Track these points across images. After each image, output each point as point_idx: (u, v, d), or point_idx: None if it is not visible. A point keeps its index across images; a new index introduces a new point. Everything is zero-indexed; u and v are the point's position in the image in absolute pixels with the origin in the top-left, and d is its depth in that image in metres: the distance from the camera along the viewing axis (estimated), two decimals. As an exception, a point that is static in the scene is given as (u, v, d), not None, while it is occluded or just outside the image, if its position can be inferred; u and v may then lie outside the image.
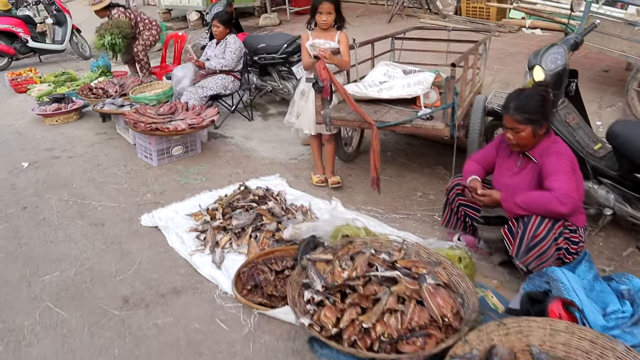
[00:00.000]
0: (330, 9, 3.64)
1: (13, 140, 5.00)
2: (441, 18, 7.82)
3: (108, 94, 5.19)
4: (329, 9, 3.64)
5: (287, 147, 4.69)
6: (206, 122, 4.30)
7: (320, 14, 3.67)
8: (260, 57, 5.30)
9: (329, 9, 3.64)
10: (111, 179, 4.05)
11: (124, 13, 6.39)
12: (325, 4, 3.62)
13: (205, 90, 4.92)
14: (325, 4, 3.62)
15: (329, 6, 3.63)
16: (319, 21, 3.70)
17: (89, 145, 4.80)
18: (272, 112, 5.75)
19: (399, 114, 3.52)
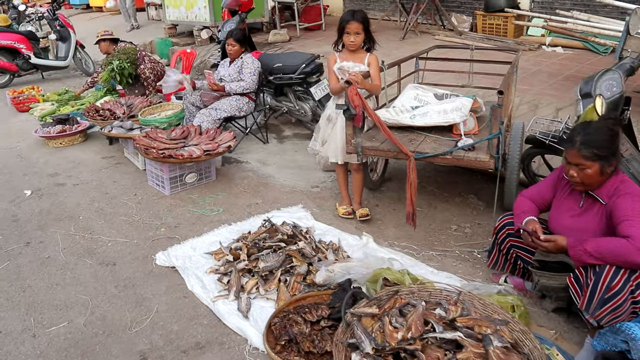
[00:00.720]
0: (359, 29, 3.39)
1: (14, 165, 4.71)
2: (457, 35, 7.60)
3: (115, 116, 4.92)
4: (357, 29, 3.39)
5: (308, 174, 4.41)
6: (222, 149, 4.02)
7: (347, 34, 3.42)
8: (276, 77, 5.05)
9: (357, 29, 3.39)
10: (121, 210, 3.76)
11: (130, 44, 6.24)
12: (353, 23, 3.37)
13: (218, 112, 4.66)
14: (354, 24, 3.38)
15: (357, 26, 3.38)
16: (347, 42, 3.45)
17: (95, 170, 4.51)
18: (287, 134, 5.48)
19: (436, 144, 3.26)
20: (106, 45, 6.24)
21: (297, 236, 2.98)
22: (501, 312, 2.35)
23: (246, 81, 4.74)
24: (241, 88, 4.73)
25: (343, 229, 3.48)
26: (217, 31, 5.46)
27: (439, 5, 7.79)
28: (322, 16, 8.90)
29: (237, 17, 5.47)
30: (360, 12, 3.40)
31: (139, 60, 6.21)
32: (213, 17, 8.50)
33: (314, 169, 4.52)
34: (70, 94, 6.75)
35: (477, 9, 7.88)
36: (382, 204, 3.89)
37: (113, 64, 5.96)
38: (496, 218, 3.48)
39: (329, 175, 4.37)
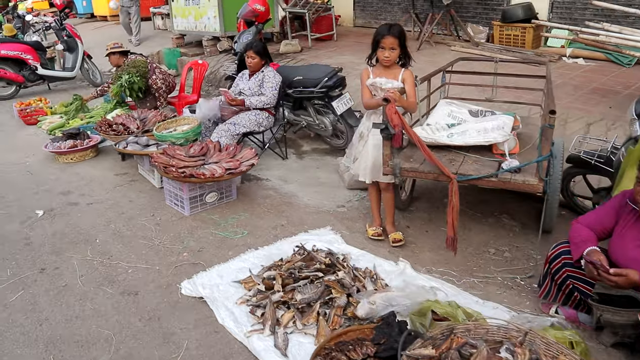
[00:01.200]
0: (394, 44, 3.22)
1: (24, 182, 4.51)
2: (473, 46, 7.45)
3: (129, 131, 4.73)
4: (392, 44, 3.22)
5: (332, 192, 4.22)
6: (245, 167, 3.83)
7: (382, 49, 3.24)
8: (295, 91, 4.87)
9: (393, 44, 3.22)
10: (139, 232, 3.56)
11: (140, 56, 6.08)
12: (388, 38, 3.20)
13: (237, 127, 4.47)
14: (389, 38, 3.20)
15: (392, 41, 3.21)
16: (381, 57, 3.28)
17: (109, 188, 4.31)
18: (305, 148, 5.30)
19: (478, 165, 3.07)
20: (116, 58, 6.07)
21: (336, 265, 2.78)
22: (567, 352, 2.15)
23: (267, 96, 4.56)
24: (262, 103, 4.55)
25: (377, 254, 3.29)
26: (233, 43, 5.28)
27: (454, 15, 7.65)
28: (333, 26, 8.76)
29: (253, 28, 5.30)
30: (397, 26, 3.23)
31: (149, 73, 6.05)
32: (223, 27, 8.36)
33: (338, 186, 4.33)
34: (78, 102, 6.56)
35: (493, 20, 7.74)
36: (413, 225, 3.70)
37: (122, 79, 5.79)
38: (539, 243, 3.32)
39: (354, 194, 4.19)
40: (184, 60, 8.96)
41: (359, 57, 7.52)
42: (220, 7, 8.21)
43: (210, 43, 8.74)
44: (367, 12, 9.97)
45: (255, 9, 5.26)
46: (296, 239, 3.42)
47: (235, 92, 4.75)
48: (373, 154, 3.34)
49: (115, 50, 6.03)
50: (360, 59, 7.68)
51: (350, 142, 3.66)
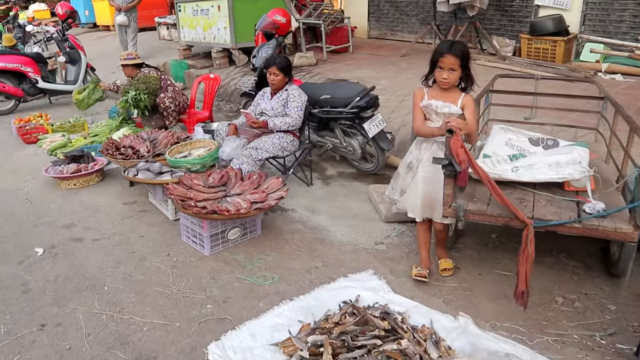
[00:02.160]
0: (455, 65, 2.79)
1: (22, 212, 4.06)
2: (500, 60, 7.05)
3: (139, 154, 4.29)
4: (452, 65, 2.79)
5: (367, 226, 3.77)
6: (273, 201, 3.37)
7: (440, 69, 2.82)
8: (322, 111, 4.44)
9: (453, 65, 2.79)
10: (154, 277, 3.10)
11: (155, 71, 5.68)
12: (448, 57, 2.78)
13: (260, 152, 4.03)
14: (449, 58, 2.78)
15: (453, 61, 2.78)
16: (439, 78, 2.85)
17: (117, 220, 3.86)
18: (330, 173, 4.85)
19: (554, 206, 2.63)
20: (129, 70, 5.69)
21: (397, 330, 2.32)
22: None
23: (292, 117, 4.13)
24: (286, 125, 4.11)
25: (430, 304, 2.83)
26: (252, 57, 4.87)
27: (480, 27, 7.26)
28: (349, 38, 8.36)
29: (273, 41, 4.88)
30: (460, 44, 2.80)
31: (161, 90, 5.66)
32: (234, 39, 7.95)
33: (373, 219, 3.89)
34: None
35: (520, 32, 7.34)
36: (464, 266, 3.25)
37: (128, 95, 5.38)
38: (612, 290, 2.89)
39: (392, 228, 3.74)
40: (191, 73, 8.56)
41: (377, 70, 7.12)
42: (231, 18, 7.81)
43: (220, 55, 8.33)
44: (383, 24, 9.59)
45: (276, 21, 4.85)
46: (335, 286, 2.96)
47: (256, 112, 4.32)
48: (424, 188, 2.91)
49: (128, 62, 5.64)
50: (380, 72, 7.31)
51: (396, 172, 3.23)
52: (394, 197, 3.20)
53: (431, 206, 2.92)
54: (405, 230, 3.74)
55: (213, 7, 8.14)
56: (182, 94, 6.02)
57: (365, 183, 4.59)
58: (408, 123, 5.31)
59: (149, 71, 5.68)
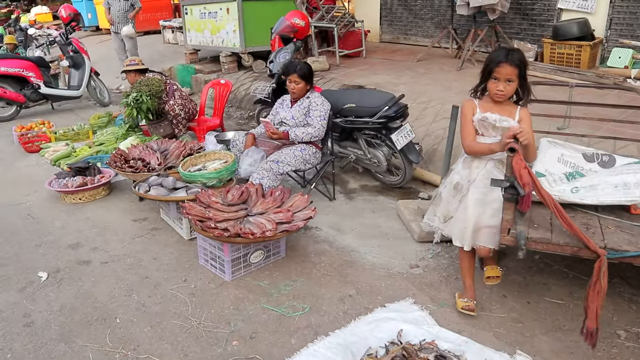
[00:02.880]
0: (512, 75, 2.50)
1: (24, 229, 3.75)
2: (521, 65, 6.75)
3: (150, 167, 3.99)
4: (509, 75, 2.50)
5: (399, 246, 3.47)
6: (300, 222, 3.07)
7: (495, 80, 2.53)
8: (346, 120, 4.14)
9: (510, 75, 2.50)
10: (171, 307, 2.79)
11: (159, 75, 5.41)
12: (505, 66, 2.48)
13: (281, 165, 3.73)
14: (506, 67, 2.48)
15: (510, 71, 2.49)
16: (493, 90, 2.55)
17: (127, 239, 3.55)
18: (352, 186, 4.55)
19: (627, 233, 2.33)
20: (133, 76, 5.40)
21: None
22: None
23: (315, 127, 3.83)
24: (309, 135, 3.82)
25: (479, 338, 2.53)
26: (268, 62, 4.58)
27: (500, 32, 6.97)
28: (363, 42, 8.07)
29: (291, 45, 4.58)
30: (517, 52, 2.50)
31: (167, 95, 5.37)
32: (244, 43, 7.67)
33: (404, 238, 3.58)
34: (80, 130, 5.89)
35: (541, 37, 7.06)
36: (509, 292, 2.95)
37: (129, 97, 5.09)
38: None
39: (426, 248, 3.44)
40: (199, 78, 8.28)
41: (394, 76, 6.83)
42: (240, 21, 7.53)
43: (228, 59, 8.04)
44: (395, 27, 9.31)
45: (294, 24, 4.56)
46: (373, 318, 2.66)
47: (275, 121, 4.03)
48: (475, 212, 2.60)
49: (131, 68, 5.36)
50: (397, 78, 7.02)
51: (436, 193, 2.93)
52: (435, 224, 2.89)
53: (478, 230, 2.62)
54: (441, 251, 3.43)
55: (222, 10, 7.86)
56: (190, 99, 5.73)
57: (391, 197, 4.29)
58: (432, 132, 5.01)
59: (153, 75, 5.41)
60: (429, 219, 2.93)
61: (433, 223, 2.89)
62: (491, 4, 6.57)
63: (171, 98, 5.44)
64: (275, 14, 7.77)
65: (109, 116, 6.17)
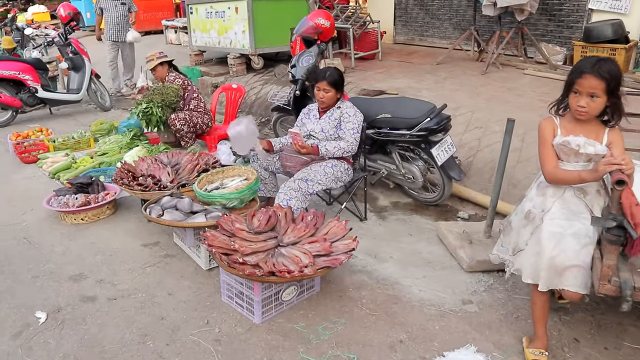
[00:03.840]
0: (597, 89, 2.08)
1: (20, 257, 3.31)
2: (551, 69, 6.36)
3: (161, 185, 3.56)
4: (594, 89, 2.08)
5: (446, 277, 3.06)
6: (342, 256, 2.64)
7: (577, 94, 2.11)
8: (380, 132, 3.73)
9: (595, 89, 2.08)
10: (193, 358, 2.37)
11: (180, 78, 5.02)
12: (589, 78, 2.06)
13: (310, 185, 3.30)
14: (590, 79, 2.07)
15: (595, 84, 2.07)
16: (574, 106, 2.14)
17: (137, 269, 3.12)
18: (383, 203, 4.13)
19: None
20: (163, 70, 5.06)
21: None
22: None
23: (347, 141, 3.41)
24: (341, 150, 3.40)
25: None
26: (290, 66, 4.16)
27: (528, 33, 6.56)
28: (379, 44, 7.66)
29: (315, 48, 4.16)
30: (608, 62, 2.06)
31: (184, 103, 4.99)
32: (254, 44, 7.24)
33: (451, 267, 3.17)
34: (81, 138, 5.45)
35: (569, 39, 6.66)
36: (581, 335, 2.56)
37: (138, 109, 4.70)
38: None
39: (477, 280, 3.03)
40: (205, 81, 7.85)
41: (415, 80, 6.42)
42: (250, 21, 7.10)
43: (237, 61, 7.62)
44: (411, 28, 8.90)
45: (319, 25, 4.14)
46: (434, 372, 2.25)
47: (304, 134, 3.60)
48: (552, 247, 2.19)
49: (163, 59, 5.03)
50: (418, 82, 6.60)
51: (506, 221, 2.52)
52: (503, 257, 2.48)
53: (560, 272, 2.20)
54: (494, 283, 3.02)
55: (230, 9, 7.44)
56: (206, 111, 5.29)
57: (428, 217, 3.88)
58: (465, 143, 4.60)
59: (174, 78, 5.01)
60: (499, 251, 2.52)
61: (503, 255, 2.48)
62: (520, 4, 6.16)
63: (185, 106, 5.05)
64: (287, 13, 7.37)
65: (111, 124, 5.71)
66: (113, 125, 5.69)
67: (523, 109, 5.09)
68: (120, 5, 7.58)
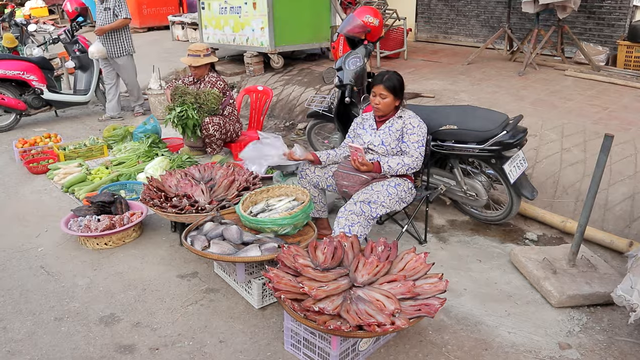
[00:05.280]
0: None
1: (38, 292, 2.86)
2: (594, 70, 5.96)
3: (198, 206, 3.11)
4: None
5: (534, 314, 2.66)
6: (436, 303, 2.22)
7: None
8: (443, 146, 3.30)
9: None
10: None
11: (222, 81, 4.71)
12: None
13: (374, 208, 2.87)
14: None
15: None
16: None
17: (178, 309, 2.69)
18: (439, 222, 3.72)
19: None
20: (205, 69, 4.69)
21: None
22: None
23: (412, 156, 2.99)
24: (405, 167, 2.97)
25: None
26: (336, 69, 3.72)
27: (569, 32, 6.15)
28: (404, 42, 7.23)
29: (362, 49, 3.72)
30: None
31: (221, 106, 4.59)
32: (273, 42, 6.79)
33: (535, 301, 2.77)
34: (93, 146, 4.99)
35: (611, 37, 6.27)
36: None
37: (172, 113, 4.27)
38: None
39: (570, 317, 2.64)
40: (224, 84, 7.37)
41: (449, 81, 5.99)
42: (270, 17, 6.65)
43: (254, 60, 7.16)
44: (434, 25, 8.47)
45: (367, 23, 3.70)
46: None
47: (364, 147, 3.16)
48: None
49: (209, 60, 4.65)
50: (453, 84, 6.15)
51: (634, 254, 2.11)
52: (633, 300, 2.08)
53: None
54: (588, 321, 2.63)
55: (247, 5, 6.98)
56: (237, 119, 4.87)
57: (492, 238, 3.47)
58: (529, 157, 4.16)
59: (216, 80, 4.60)
60: (625, 291, 2.12)
61: (630, 298, 2.08)
62: (562, 1, 5.75)
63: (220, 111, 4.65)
64: (309, 8, 6.94)
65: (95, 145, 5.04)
66: (128, 131, 5.23)
67: (574, 114, 4.70)
68: (104, 11, 5.89)
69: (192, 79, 4.80)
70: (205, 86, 4.64)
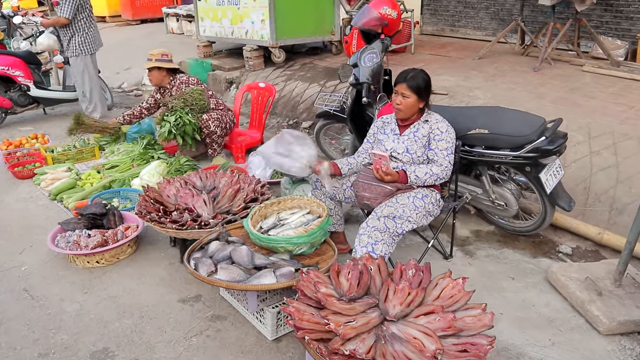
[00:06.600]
0: None
1: (20, 321, 2.52)
2: (614, 66, 5.66)
3: (202, 221, 2.78)
4: None
5: (580, 342, 2.38)
6: (484, 342, 1.91)
7: None
8: (472, 152, 2.99)
9: None
10: None
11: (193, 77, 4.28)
12: None
13: (399, 223, 2.56)
14: None
15: None
16: None
17: (180, 341, 2.37)
18: (463, 233, 3.41)
19: None
20: (160, 75, 4.27)
21: None
22: None
23: (441, 165, 2.67)
24: (434, 177, 2.66)
25: None
26: (352, 66, 3.39)
27: (587, 25, 5.84)
28: (411, 35, 6.89)
29: (378, 43, 3.40)
30: None
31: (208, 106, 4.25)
32: (274, 35, 6.42)
33: (580, 327, 2.49)
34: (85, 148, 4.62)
35: (630, 31, 5.96)
36: None
37: (169, 123, 3.93)
38: None
39: (620, 346, 2.37)
40: (218, 76, 7.03)
41: (461, 77, 5.67)
42: (271, 9, 6.28)
43: (253, 54, 6.79)
44: (440, 17, 8.12)
45: (384, 15, 3.37)
46: None
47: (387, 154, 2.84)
48: None
49: (163, 64, 4.23)
50: (466, 80, 5.81)
51: None
52: None
53: None
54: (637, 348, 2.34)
55: (246, -4, 6.61)
56: (227, 108, 4.56)
57: (522, 252, 3.17)
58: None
59: (187, 78, 4.27)
60: None
61: None
62: (582, -8, 5.44)
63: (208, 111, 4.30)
64: (311, 0, 6.58)
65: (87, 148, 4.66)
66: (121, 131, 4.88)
67: (599, 113, 4.40)
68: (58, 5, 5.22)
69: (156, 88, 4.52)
70: (180, 88, 4.29)
